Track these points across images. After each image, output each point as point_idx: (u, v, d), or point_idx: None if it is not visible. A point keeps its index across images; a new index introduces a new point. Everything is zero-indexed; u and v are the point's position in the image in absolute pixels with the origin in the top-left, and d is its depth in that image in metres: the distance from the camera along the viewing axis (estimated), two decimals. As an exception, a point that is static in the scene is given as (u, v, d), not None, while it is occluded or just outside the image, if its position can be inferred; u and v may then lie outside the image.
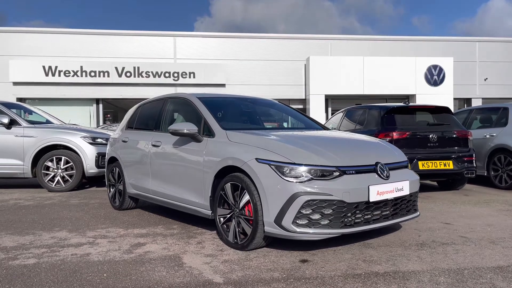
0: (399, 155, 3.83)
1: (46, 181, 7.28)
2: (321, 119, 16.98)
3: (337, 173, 3.17)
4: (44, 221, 4.77)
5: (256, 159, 3.28)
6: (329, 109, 18.18)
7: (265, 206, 3.18)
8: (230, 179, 3.50)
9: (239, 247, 3.41)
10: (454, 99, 17.91)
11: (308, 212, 3.06)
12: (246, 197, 3.33)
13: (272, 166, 3.19)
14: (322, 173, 3.15)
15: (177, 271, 2.93)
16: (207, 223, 4.33)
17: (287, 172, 3.15)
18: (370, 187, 3.19)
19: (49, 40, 16.45)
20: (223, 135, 3.76)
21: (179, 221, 4.65)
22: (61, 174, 7.30)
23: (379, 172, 3.35)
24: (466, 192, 6.73)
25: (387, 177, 3.38)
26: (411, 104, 6.78)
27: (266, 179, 3.18)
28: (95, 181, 8.41)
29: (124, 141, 5.28)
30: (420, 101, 17.37)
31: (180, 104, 4.75)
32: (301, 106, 18.12)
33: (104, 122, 16.84)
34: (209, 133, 3.93)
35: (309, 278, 2.75)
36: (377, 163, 3.40)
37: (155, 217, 4.95)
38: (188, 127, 3.91)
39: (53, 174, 7.29)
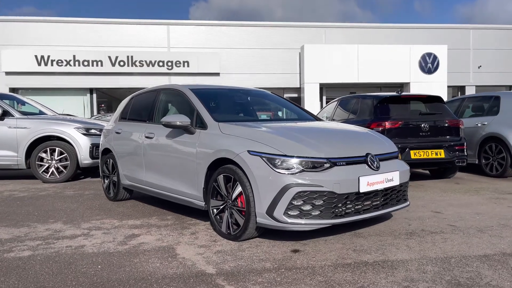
0: (390, 146, 3.87)
1: (40, 172, 7.29)
2: (316, 108, 17.00)
3: (328, 165, 3.22)
4: (39, 213, 4.80)
5: (248, 151, 3.32)
6: (324, 98, 18.20)
7: (257, 197, 3.22)
8: (223, 171, 3.53)
9: (232, 238, 3.47)
10: (448, 86, 17.96)
11: (299, 203, 3.11)
12: (239, 189, 3.37)
13: (264, 158, 3.23)
14: (313, 165, 3.20)
15: (171, 262, 2.98)
16: (201, 214, 4.38)
17: (278, 164, 3.18)
18: (360, 178, 3.24)
19: (41, 29, 16.26)
20: (216, 127, 3.78)
21: (173, 212, 4.69)
22: (55, 165, 7.31)
23: (369, 163, 3.40)
24: (457, 180, 6.82)
25: (377, 168, 3.42)
26: (403, 93, 6.82)
27: (258, 171, 3.22)
28: (90, 171, 8.42)
29: (117, 133, 5.30)
30: (414, 89, 17.43)
31: (173, 96, 4.76)
32: (295, 95, 18.12)
33: (98, 112, 16.77)
34: (202, 125, 3.95)
35: (299, 268, 2.81)
36: (367, 154, 3.45)
37: (150, 208, 4.99)
38: (181, 119, 3.93)
39: (47, 165, 7.29)
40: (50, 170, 7.30)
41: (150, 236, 3.70)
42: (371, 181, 3.31)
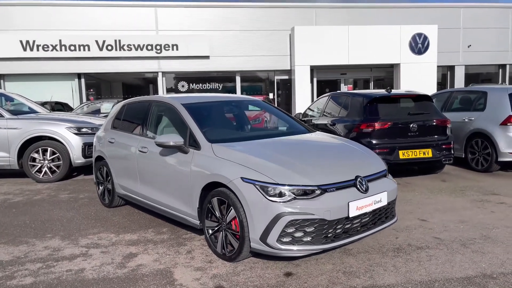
0: (378, 165, 3.97)
1: (33, 172, 7.32)
2: (307, 92, 17.05)
3: (319, 192, 3.32)
4: (36, 225, 4.88)
5: (242, 178, 3.41)
6: (315, 80, 18.18)
7: (251, 223, 3.34)
8: (217, 194, 3.63)
9: (227, 259, 3.61)
10: (437, 66, 18.02)
11: (291, 231, 3.24)
12: (232, 212, 3.48)
13: (257, 186, 3.32)
14: (304, 192, 3.30)
15: (169, 291, 3.12)
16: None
17: (271, 192, 3.29)
18: (349, 203, 3.36)
19: (25, 13, 15.81)
20: (209, 149, 3.85)
21: (168, 222, 4.80)
22: (48, 165, 7.34)
23: (358, 186, 3.51)
24: (444, 177, 7.01)
25: (366, 190, 3.53)
26: (393, 92, 6.89)
27: (251, 198, 3.32)
28: (83, 168, 8.44)
29: (110, 142, 5.33)
30: (404, 70, 17.52)
31: (166, 109, 4.76)
32: (286, 77, 18.08)
33: (87, 98, 16.60)
34: (195, 144, 4.00)
35: (292, 297, 2.97)
36: (356, 177, 3.55)
37: (145, 217, 5.09)
38: (174, 140, 3.99)
39: (40, 165, 7.32)
40: (43, 170, 7.34)
41: (148, 256, 3.81)
42: (360, 205, 3.44)
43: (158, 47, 16.36)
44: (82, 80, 16.79)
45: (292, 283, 3.18)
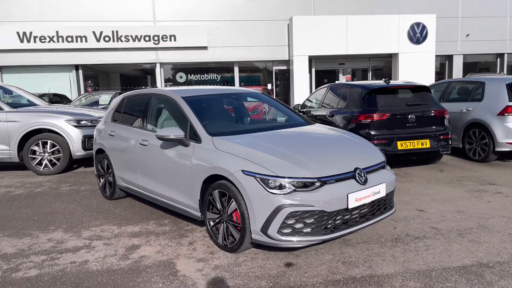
0: (377, 156, 4.02)
1: (33, 165, 7.36)
2: (305, 81, 17.04)
3: (318, 184, 3.38)
4: (38, 217, 4.93)
5: (242, 171, 3.45)
6: (313, 70, 18.16)
7: (252, 215, 3.39)
8: (218, 187, 3.68)
9: (229, 250, 3.67)
10: (436, 55, 18.00)
11: (291, 222, 3.30)
12: (234, 205, 3.54)
13: (258, 178, 3.37)
14: (304, 184, 3.36)
15: (172, 282, 3.18)
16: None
17: (271, 184, 3.34)
18: (349, 195, 3.41)
19: (22, 4, 15.70)
20: (210, 142, 3.88)
21: (170, 214, 4.86)
22: (48, 157, 7.37)
23: (357, 178, 3.56)
24: (442, 167, 7.08)
25: (365, 182, 3.59)
26: (391, 83, 6.91)
27: (252, 191, 3.37)
28: (83, 160, 8.48)
29: (111, 135, 5.36)
30: (402, 60, 17.49)
31: (166, 102, 4.79)
32: (284, 67, 18.05)
33: (85, 90, 16.56)
34: (196, 137, 4.04)
35: (293, 287, 3.03)
36: (355, 169, 3.60)
37: (146, 209, 5.14)
38: (175, 133, 4.02)
39: (40, 158, 7.35)
40: (44, 163, 7.37)
41: (150, 248, 3.88)
42: (359, 197, 3.49)
43: (155, 38, 16.29)
44: (80, 72, 16.74)
45: (293, 273, 3.25)
